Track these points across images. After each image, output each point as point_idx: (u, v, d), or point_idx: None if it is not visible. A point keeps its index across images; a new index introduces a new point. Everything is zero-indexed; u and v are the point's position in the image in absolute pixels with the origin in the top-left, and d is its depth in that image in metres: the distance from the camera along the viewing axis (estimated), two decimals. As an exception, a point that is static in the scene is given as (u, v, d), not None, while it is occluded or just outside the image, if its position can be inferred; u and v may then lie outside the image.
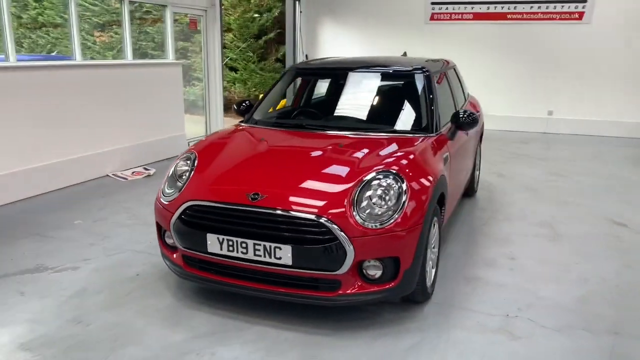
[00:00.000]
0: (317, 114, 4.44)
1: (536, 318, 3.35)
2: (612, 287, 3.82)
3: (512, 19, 11.07)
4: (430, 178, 3.34)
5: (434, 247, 3.61)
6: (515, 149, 9.12)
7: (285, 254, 3.01)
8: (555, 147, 9.43)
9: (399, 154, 3.49)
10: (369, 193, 3.10)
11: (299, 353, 2.93)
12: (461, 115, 4.09)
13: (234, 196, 3.16)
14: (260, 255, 3.06)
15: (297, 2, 11.92)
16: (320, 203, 3.04)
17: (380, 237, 3.00)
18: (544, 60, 10.95)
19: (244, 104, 4.66)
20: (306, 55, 11.96)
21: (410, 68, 4.38)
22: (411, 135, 3.87)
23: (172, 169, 3.63)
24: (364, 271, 3.09)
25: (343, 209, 3.02)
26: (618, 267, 4.17)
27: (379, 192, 3.12)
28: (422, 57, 5.34)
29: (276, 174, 3.35)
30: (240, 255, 3.11)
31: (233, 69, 12.99)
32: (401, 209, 3.07)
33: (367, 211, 3.04)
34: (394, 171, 3.21)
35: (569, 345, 3.06)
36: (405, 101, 4.28)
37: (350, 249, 2.95)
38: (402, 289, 3.17)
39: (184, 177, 3.50)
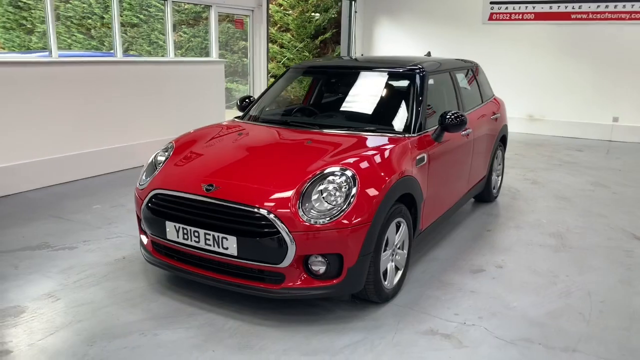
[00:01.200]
0: (310, 111, 4.49)
1: (493, 328, 3.22)
2: (595, 303, 3.57)
3: (576, 19, 10.47)
4: (387, 178, 3.29)
5: (399, 248, 3.56)
6: (565, 155, 8.64)
7: (231, 245, 3.10)
8: (611, 156, 8.82)
9: (359, 152, 3.47)
10: (318, 189, 3.12)
11: (235, 341, 3.01)
12: (447, 117, 3.98)
13: (191, 186, 3.29)
14: (210, 245, 3.17)
15: (352, 2, 11.96)
16: (268, 197, 3.10)
17: (322, 233, 3.01)
18: (610, 64, 10.26)
19: (246, 100, 4.80)
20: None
21: (402, 68, 4.31)
22: (388, 134, 3.82)
23: (152, 158, 3.83)
24: (310, 266, 3.11)
25: (288, 204, 3.06)
26: (613, 283, 3.88)
27: (329, 189, 3.13)
28: (442, 57, 5.25)
29: (236, 167, 3.45)
30: (193, 243, 3.24)
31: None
32: (347, 207, 3.06)
33: (312, 207, 3.06)
34: (347, 169, 3.20)
35: (516, 358, 2.92)
36: (393, 101, 4.24)
37: (291, 243, 2.99)
38: (346, 287, 3.16)
39: (159, 166, 3.68)
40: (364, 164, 3.31)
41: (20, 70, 5.70)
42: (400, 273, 3.65)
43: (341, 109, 4.35)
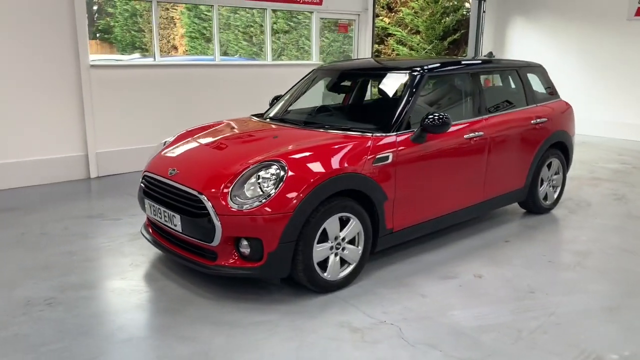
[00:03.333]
0: (312, 111, 4.71)
1: (408, 330, 3.19)
2: (549, 325, 3.28)
3: None
4: (320, 173, 3.44)
5: (350, 244, 3.66)
6: (694, 172, 7.40)
7: (178, 222, 3.58)
8: None
9: (306, 147, 3.67)
10: (252, 178, 3.43)
11: (166, 304, 3.47)
12: (428, 118, 3.93)
13: (162, 170, 3.85)
14: (166, 221, 3.69)
15: (482, 1, 11.53)
16: (207, 182, 3.51)
17: (245, 218, 3.33)
18: None
19: (274, 100, 5.22)
20: (490, 53, 11.46)
21: (394, 71, 4.34)
22: (360, 133, 3.91)
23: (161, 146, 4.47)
24: (239, 248, 3.44)
25: (221, 189, 3.42)
26: (594, 308, 3.49)
27: (262, 179, 3.42)
28: (504, 58, 5.05)
29: (202, 156, 3.91)
30: (158, 219, 3.79)
31: (418, 70, 13.22)
32: (271, 196, 3.32)
33: (241, 194, 3.38)
34: (280, 162, 3.45)
35: (403, 358, 2.91)
36: (381, 102, 4.30)
37: (218, 225, 3.36)
38: (269, 270, 3.42)
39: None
40: (300, 158, 3.52)
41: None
42: (351, 267, 3.75)
43: (337, 108, 4.53)
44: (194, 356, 2.92)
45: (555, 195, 5.53)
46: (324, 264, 3.61)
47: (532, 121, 5.01)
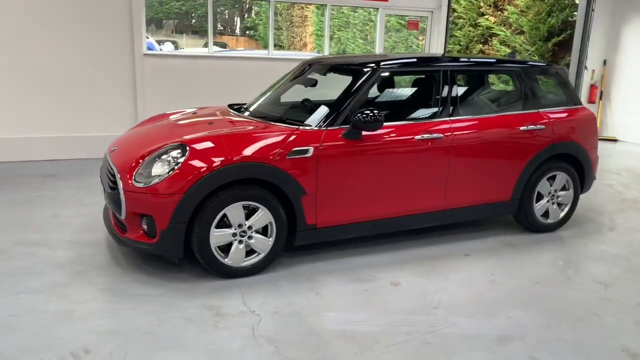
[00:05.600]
0: (269, 101, 4.72)
1: (266, 323, 3.17)
2: (416, 342, 3.03)
3: None
4: (219, 160, 3.52)
5: (253, 231, 3.69)
6: None
7: (105, 194, 3.92)
8: None
9: (219, 134, 3.77)
10: (157, 159, 3.64)
11: (78, 268, 3.82)
12: (356, 114, 3.80)
13: (110, 147, 4.21)
14: (103, 192, 4.05)
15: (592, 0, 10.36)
16: (124, 161, 3.78)
17: (141, 195, 3.55)
18: None
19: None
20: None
21: (348, 65, 4.23)
22: (284, 126, 3.91)
23: (137, 128, 4.85)
24: (142, 224, 3.67)
25: (130, 167, 3.68)
26: (486, 336, 3.12)
27: (165, 160, 3.61)
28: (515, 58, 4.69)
29: (139, 137, 4.19)
30: (103, 189, 4.16)
31: (520, 73, 12.30)
32: (166, 176, 3.50)
33: (144, 173, 3.61)
34: (184, 145, 3.61)
35: (235, 345, 2.91)
36: (328, 95, 4.21)
37: (123, 199, 3.63)
38: (162, 248, 3.60)
39: (129, 134, 4.69)
40: (205, 144, 3.65)
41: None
42: (260, 257, 3.78)
43: (298, 101, 4.54)
44: (58, 314, 3.21)
45: (562, 214, 4.90)
46: (229, 250, 3.69)
47: (521, 127, 4.52)
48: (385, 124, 3.91)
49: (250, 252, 3.78)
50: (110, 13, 7.03)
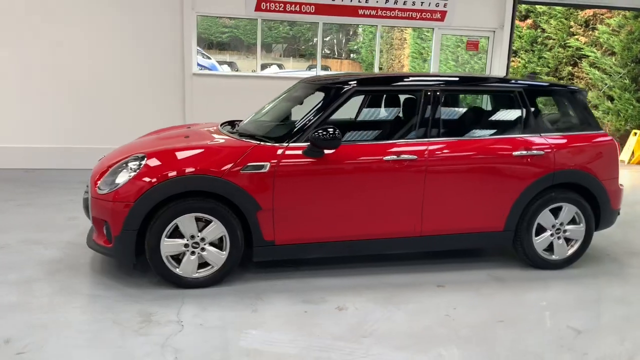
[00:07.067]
0: (255, 120, 4.77)
1: (185, 334, 3.21)
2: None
3: None
4: (170, 172, 3.65)
5: (206, 243, 3.75)
6: None
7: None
8: None
9: (180, 146, 3.93)
10: (119, 170, 3.85)
11: (57, 267, 4.12)
12: (315, 132, 3.75)
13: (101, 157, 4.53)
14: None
15: (690, 17, 9.27)
16: (99, 168, 4.05)
17: (99, 201, 3.78)
18: None
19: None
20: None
21: (324, 83, 4.18)
22: (247, 141, 3.96)
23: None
24: (104, 229, 3.89)
25: (99, 175, 3.93)
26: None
27: (125, 169, 3.81)
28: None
29: (123, 148, 4.39)
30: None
31: (610, 98, 11.22)
32: (121, 186, 3.70)
33: (106, 181, 3.83)
34: (143, 157, 3.79)
35: (143, 352, 2.99)
36: (299, 113, 4.19)
37: (90, 204, 3.89)
38: (117, 253, 3.79)
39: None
40: (162, 156, 3.80)
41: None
42: (214, 269, 3.83)
43: (271, 118, 4.55)
44: (11, 305, 3.49)
45: (571, 251, 4.40)
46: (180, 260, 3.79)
47: (514, 153, 4.16)
48: (353, 142, 3.82)
49: (204, 264, 3.84)
50: (164, 39, 7.58)
